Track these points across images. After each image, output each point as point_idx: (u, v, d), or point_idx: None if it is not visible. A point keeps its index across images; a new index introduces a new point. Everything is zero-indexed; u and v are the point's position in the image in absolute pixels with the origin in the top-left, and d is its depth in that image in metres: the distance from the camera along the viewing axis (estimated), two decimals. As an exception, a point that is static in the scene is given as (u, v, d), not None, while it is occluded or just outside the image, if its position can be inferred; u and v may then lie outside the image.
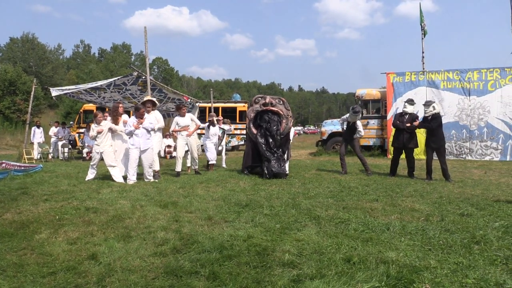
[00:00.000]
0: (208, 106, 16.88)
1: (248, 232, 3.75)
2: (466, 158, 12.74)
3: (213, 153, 9.81)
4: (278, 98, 8.74)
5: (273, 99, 8.53)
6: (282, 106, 8.51)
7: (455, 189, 6.62)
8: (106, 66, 66.23)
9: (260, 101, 8.53)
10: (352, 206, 5.06)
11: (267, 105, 8.37)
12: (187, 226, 4.02)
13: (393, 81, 13.81)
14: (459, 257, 3.08)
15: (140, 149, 7.36)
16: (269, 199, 5.53)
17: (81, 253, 3.20)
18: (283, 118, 8.33)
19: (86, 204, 5.14)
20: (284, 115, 8.35)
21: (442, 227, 3.99)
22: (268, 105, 8.37)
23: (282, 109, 8.44)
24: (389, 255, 3.11)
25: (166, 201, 5.33)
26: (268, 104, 8.37)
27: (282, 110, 8.40)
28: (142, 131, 7.40)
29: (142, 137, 7.40)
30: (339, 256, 3.07)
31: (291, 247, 3.32)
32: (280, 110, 8.39)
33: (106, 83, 10.70)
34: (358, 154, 8.80)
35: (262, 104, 8.43)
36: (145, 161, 7.44)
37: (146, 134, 7.45)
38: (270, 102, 8.39)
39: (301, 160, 12.88)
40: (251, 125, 8.46)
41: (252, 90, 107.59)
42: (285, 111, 8.44)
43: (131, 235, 3.69)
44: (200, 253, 3.19)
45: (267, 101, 8.40)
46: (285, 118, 8.33)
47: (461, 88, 13.03)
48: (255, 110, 8.51)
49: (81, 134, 17.69)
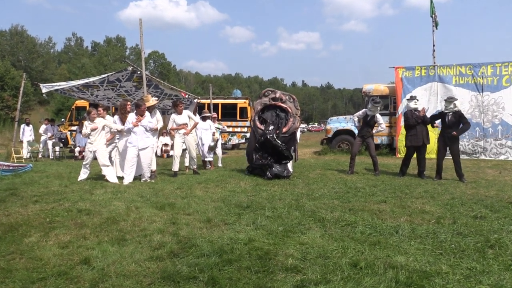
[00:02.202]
0: (207, 102, 16.87)
1: (249, 235, 3.74)
2: (479, 157, 12.73)
3: (205, 150, 9.94)
4: (289, 95, 8.72)
5: (283, 95, 8.53)
6: (291, 104, 8.49)
7: (468, 190, 6.61)
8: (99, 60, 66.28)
9: (270, 95, 8.52)
10: (359, 207, 5.05)
11: (276, 100, 8.36)
12: (185, 228, 4.02)
13: (402, 76, 13.79)
14: (472, 262, 3.07)
15: (138, 147, 7.37)
16: (271, 201, 5.53)
17: (73, 258, 3.20)
18: (290, 116, 8.31)
19: (78, 205, 5.14)
20: (292, 114, 8.34)
21: (454, 230, 3.98)
22: (277, 100, 8.36)
23: (291, 107, 8.42)
24: (398, 259, 3.10)
25: (163, 202, 5.33)
26: (278, 100, 8.36)
27: (291, 108, 8.39)
28: (140, 129, 7.41)
29: (141, 135, 7.41)
30: (345, 261, 3.07)
31: (294, 251, 3.32)
32: (289, 107, 8.38)
33: (99, 79, 10.71)
34: (372, 153, 8.75)
35: (272, 99, 8.42)
36: (144, 160, 7.45)
37: (145, 132, 7.46)
38: (280, 98, 8.39)
39: (305, 159, 12.87)
40: (256, 118, 8.46)
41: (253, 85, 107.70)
42: (294, 110, 8.42)
43: (125, 238, 3.69)
44: (198, 257, 3.18)
45: (277, 96, 8.40)
46: (292, 117, 8.31)
47: (474, 83, 13.00)
48: (263, 103, 8.50)
49: (73, 132, 17.71)
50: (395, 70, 13.97)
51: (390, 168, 9.97)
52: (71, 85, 10.96)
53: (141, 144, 7.40)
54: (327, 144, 15.50)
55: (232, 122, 18.18)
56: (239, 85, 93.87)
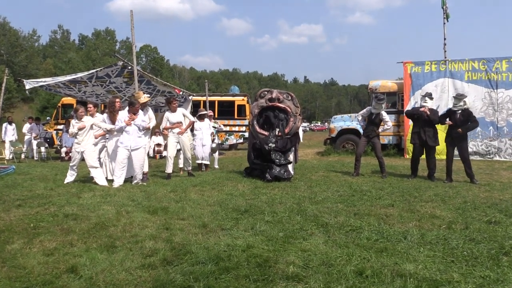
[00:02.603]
0: (203, 100, 16.88)
1: (247, 241, 3.75)
2: (493, 158, 12.75)
3: (199, 151, 9.90)
4: (286, 92, 8.72)
5: (280, 94, 8.51)
6: (290, 102, 8.49)
7: (481, 193, 6.62)
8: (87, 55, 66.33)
9: (266, 96, 8.51)
10: (364, 212, 5.06)
11: (273, 101, 8.36)
12: (179, 234, 4.02)
13: (411, 71, 13.82)
14: (485, 270, 3.08)
15: (130, 148, 7.37)
16: (271, 204, 5.53)
17: (59, 266, 3.20)
18: (290, 116, 8.32)
19: (65, 210, 5.13)
20: (292, 113, 8.34)
21: (466, 236, 3.99)
22: (274, 101, 8.35)
23: (291, 106, 8.42)
24: (406, 267, 3.11)
25: (156, 206, 5.33)
26: (275, 100, 8.35)
27: (290, 107, 8.39)
28: (133, 128, 7.41)
29: (133, 134, 7.42)
30: (350, 269, 3.07)
31: (296, 258, 3.32)
32: (288, 106, 8.38)
33: (87, 75, 10.70)
34: (378, 153, 8.76)
35: (268, 100, 8.41)
36: (136, 161, 7.45)
37: (137, 132, 7.46)
38: (277, 98, 8.38)
39: (307, 160, 12.89)
40: (255, 123, 8.47)
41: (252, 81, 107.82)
42: (293, 108, 8.42)
43: (115, 245, 3.69)
44: (193, 265, 3.19)
45: (274, 96, 8.39)
46: (293, 116, 8.32)
47: (488, 80, 13.02)
48: (260, 105, 8.50)
49: (59, 132, 17.68)
50: (403, 65, 14.00)
51: (398, 169, 9.99)
52: (57, 81, 10.95)
53: (133, 144, 7.41)
54: (331, 144, 15.52)
55: (230, 121, 18.19)
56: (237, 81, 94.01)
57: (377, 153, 8.78)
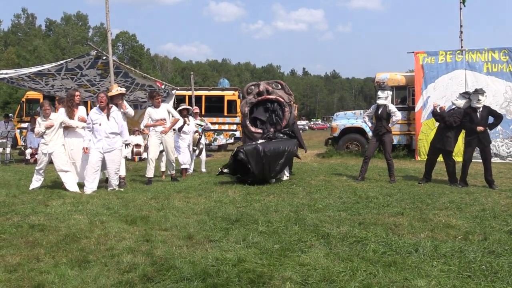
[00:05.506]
0: (188, 94, 16.85)
1: (238, 254, 3.75)
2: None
3: (187, 155, 9.70)
4: (274, 82, 8.84)
5: (268, 85, 8.60)
6: (281, 92, 8.56)
7: (502, 199, 6.69)
8: (55, 43, 65.98)
9: (254, 91, 8.56)
10: (370, 221, 5.09)
11: (262, 94, 8.41)
12: (160, 247, 4.01)
13: (423, 62, 13.87)
14: (506, 286, 3.11)
15: (103, 150, 7.33)
16: (265, 213, 5.55)
17: (23, 284, 3.18)
18: (284, 106, 8.37)
19: (30, 220, 5.10)
20: (285, 102, 8.40)
21: (485, 248, 4.03)
22: (263, 94, 8.40)
23: (282, 95, 8.49)
24: (417, 283, 3.13)
25: (134, 215, 5.32)
26: (264, 93, 8.41)
27: (282, 97, 8.45)
28: (104, 128, 7.38)
29: (105, 135, 7.38)
30: (354, 285, 3.09)
31: (293, 273, 3.33)
32: (280, 96, 8.44)
33: (55, 67, 10.61)
34: (388, 154, 8.72)
35: (256, 94, 8.46)
36: (110, 165, 7.41)
37: (110, 132, 7.43)
38: (266, 90, 8.44)
39: (306, 163, 12.92)
40: (247, 123, 8.50)
41: (244, 74, 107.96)
42: (286, 97, 8.49)
43: (88, 260, 3.68)
44: (177, 281, 3.19)
45: (261, 89, 8.45)
46: (287, 106, 8.38)
47: (509, 72, 13.09)
48: (249, 102, 8.54)
49: (23, 130, 17.55)
50: (414, 55, 14.05)
51: (408, 173, 10.05)
52: (21, 73, 10.86)
53: (106, 145, 7.36)
54: (333, 145, 15.57)
55: (219, 118, 18.19)
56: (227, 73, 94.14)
57: (386, 153, 8.74)
